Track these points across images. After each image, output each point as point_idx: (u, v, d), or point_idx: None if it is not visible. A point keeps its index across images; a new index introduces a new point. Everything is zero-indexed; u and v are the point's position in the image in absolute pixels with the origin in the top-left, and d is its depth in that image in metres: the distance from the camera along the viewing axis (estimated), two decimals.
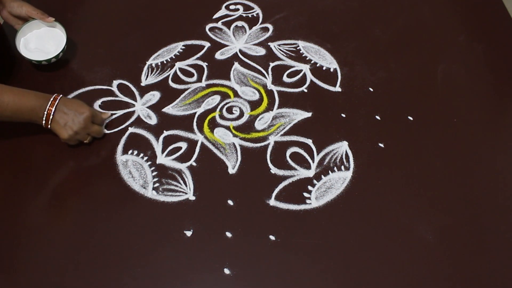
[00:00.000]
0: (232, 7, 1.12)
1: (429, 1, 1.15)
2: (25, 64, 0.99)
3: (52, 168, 0.86)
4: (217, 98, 0.95)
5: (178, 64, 1.01)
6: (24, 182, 0.84)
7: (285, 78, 0.98)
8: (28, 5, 0.95)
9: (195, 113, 0.93)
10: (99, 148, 0.88)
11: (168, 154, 0.87)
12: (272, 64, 1.01)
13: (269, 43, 1.05)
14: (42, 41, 0.98)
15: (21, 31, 0.96)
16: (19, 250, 0.77)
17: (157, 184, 0.83)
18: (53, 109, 0.82)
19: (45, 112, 0.81)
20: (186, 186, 0.83)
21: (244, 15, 1.10)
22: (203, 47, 1.04)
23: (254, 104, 0.94)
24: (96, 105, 0.94)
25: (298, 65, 1.01)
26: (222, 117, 0.93)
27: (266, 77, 0.99)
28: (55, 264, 0.75)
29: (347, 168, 0.85)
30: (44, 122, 0.82)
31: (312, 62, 1.01)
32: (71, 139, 0.84)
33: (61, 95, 0.84)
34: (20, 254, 0.76)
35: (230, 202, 0.81)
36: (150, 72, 0.99)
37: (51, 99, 0.82)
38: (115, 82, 0.97)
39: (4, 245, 0.77)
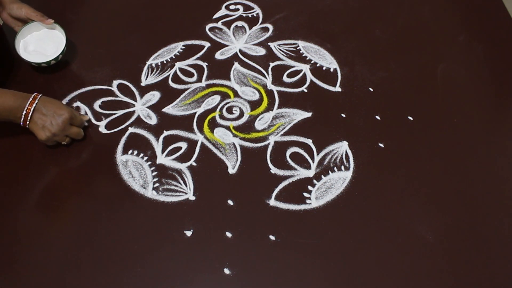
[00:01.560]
0: (232, 7, 1.12)
1: (429, 1, 1.15)
2: (24, 65, 0.99)
3: (52, 168, 0.86)
4: (217, 98, 0.95)
5: (178, 64, 1.01)
6: (23, 182, 0.84)
7: (285, 78, 0.98)
8: (27, 7, 0.95)
9: (195, 113, 0.93)
10: (99, 148, 0.88)
11: (168, 154, 0.87)
12: (272, 64, 1.01)
13: (269, 43, 1.05)
14: (41, 43, 0.97)
15: (21, 33, 0.96)
16: (19, 250, 0.77)
17: (157, 184, 0.83)
18: (31, 109, 0.81)
19: (24, 112, 0.80)
20: (186, 186, 0.83)
21: (244, 15, 1.11)
22: (203, 47, 1.04)
23: (254, 104, 0.94)
24: (96, 105, 0.94)
25: (298, 65, 1.01)
26: (222, 117, 0.93)
27: (266, 77, 0.99)
28: (55, 264, 0.75)
29: (347, 168, 0.85)
30: (22, 122, 0.82)
31: (312, 62, 1.01)
32: (48, 140, 0.84)
33: (40, 95, 0.83)
34: (20, 254, 0.76)
35: (230, 202, 0.81)
36: (150, 72, 0.99)
37: (30, 99, 0.81)
38: (115, 82, 0.97)
39: (4, 246, 0.77)
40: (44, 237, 0.78)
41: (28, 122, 0.82)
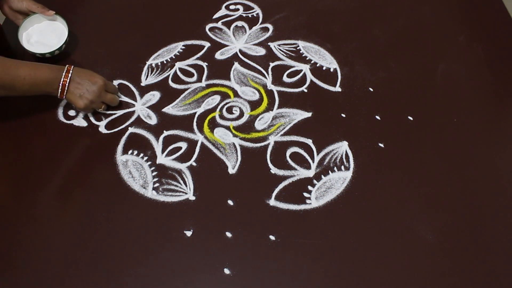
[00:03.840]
0: (232, 7, 1.12)
1: (429, 1, 1.15)
2: (26, 60, 0.99)
3: (52, 168, 0.86)
4: (217, 98, 0.95)
5: (178, 64, 1.01)
6: (23, 182, 0.84)
7: (285, 78, 0.98)
8: None
9: (195, 113, 0.93)
10: (99, 148, 0.88)
11: (168, 154, 0.87)
12: (272, 64, 1.01)
13: (269, 43, 1.05)
14: (44, 34, 0.98)
15: (23, 26, 0.96)
16: (19, 250, 0.77)
17: (157, 184, 0.83)
18: (67, 80, 0.84)
19: (60, 84, 0.84)
20: (186, 186, 0.83)
21: (244, 15, 1.11)
22: (203, 47, 1.04)
23: (254, 104, 0.94)
24: None
25: (298, 65, 1.01)
26: (222, 117, 0.93)
27: (266, 77, 0.99)
28: (55, 264, 0.75)
29: (347, 168, 0.85)
30: (59, 93, 0.85)
31: (312, 62, 1.01)
32: (87, 108, 0.88)
33: (73, 66, 0.86)
34: (20, 254, 0.76)
35: (230, 202, 0.81)
36: (150, 72, 0.99)
37: (65, 70, 0.85)
38: (115, 82, 0.97)
39: (4, 246, 0.77)
40: (44, 237, 0.78)
41: (65, 93, 0.85)
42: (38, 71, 0.82)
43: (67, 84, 0.84)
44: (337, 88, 0.97)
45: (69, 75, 0.85)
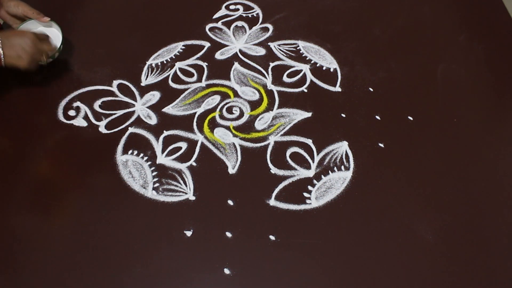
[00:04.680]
0: (232, 7, 1.12)
1: (429, 1, 1.15)
2: None
3: (52, 168, 0.86)
4: (217, 98, 0.95)
5: (178, 64, 1.01)
6: (23, 182, 0.84)
7: (285, 78, 0.99)
8: (24, 4, 0.95)
9: (195, 113, 0.93)
10: (99, 148, 0.88)
11: (168, 154, 0.87)
12: (272, 64, 1.01)
13: (269, 43, 1.05)
14: None
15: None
16: (18, 250, 0.77)
17: (157, 184, 0.83)
18: (0, 47, 0.84)
19: None
20: (186, 186, 0.83)
21: (244, 15, 1.11)
22: (203, 47, 1.04)
23: (254, 104, 0.94)
24: (96, 105, 0.94)
25: (298, 65, 1.01)
26: (222, 117, 0.93)
27: (266, 77, 0.99)
28: (55, 264, 0.75)
29: (347, 168, 0.85)
30: None
31: (312, 62, 1.01)
32: (31, 64, 0.88)
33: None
34: (20, 254, 0.76)
35: (230, 202, 0.81)
36: (150, 72, 0.99)
37: None
38: (115, 82, 0.97)
39: (4, 246, 0.77)
40: (44, 237, 0.78)
41: (2, 60, 0.85)
42: None
43: (1, 50, 0.84)
44: (337, 88, 0.97)
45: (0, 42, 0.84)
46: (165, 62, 1.01)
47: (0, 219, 0.80)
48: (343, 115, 0.93)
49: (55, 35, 0.98)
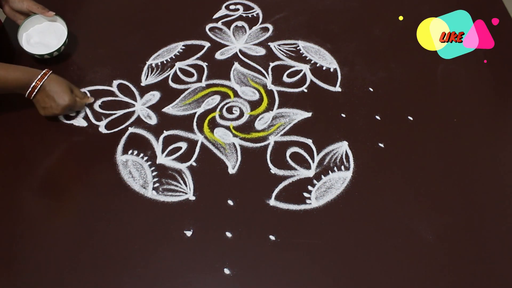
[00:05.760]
0: (232, 7, 1.12)
1: (429, 1, 1.15)
2: (24, 60, 0.99)
3: (52, 168, 0.86)
4: (217, 98, 0.95)
5: (178, 64, 1.01)
6: (23, 182, 0.84)
7: (285, 78, 0.98)
8: (29, 0, 0.96)
9: (195, 113, 0.93)
10: (99, 148, 0.88)
11: (168, 154, 0.87)
12: (272, 64, 1.01)
13: (269, 43, 1.05)
14: (43, 35, 0.98)
15: (23, 26, 0.97)
16: (18, 250, 0.77)
17: (157, 184, 0.83)
18: (39, 85, 0.84)
19: (30, 87, 0.84)
20: (186, 186, 0.83)
21: (244, 15, 1.10)
22: (203, 47, 1.04)
23: (254, 104, 0.94)
24: (96, 105, 0.94)
25: (298, 65, 1.01)
26: (222, 117, 0.93)
27: (266, 77, 0.99)
28: (54, 264, 0.75)
29: (347, 168, 0.85)
30: (27, 94, 0.85)
31: (312, 62, 1.01)
32: (47, 117, 0.89)
33: (50, 72, 0.85)
34: (20, 254, 0.76)
35: (230, 202, 0.81)
36: (150, 72, 0.99)
37: (40, 75, 0.84)
38: (115, 82, 0.97)
39: (4, 246, 0.77)
40: (44, 237, 0.78)
41: (32, 97, 0.85)
42: (10, 73, 0.82)
43: (36, 90, 0.84)
44: (337, 88, 0.97)
45: (42, 81, 0.84)
46: (165, 62, 1.01)
47: (0, 219, 0.80)
48: (343, 115, 0.93)
49: (60, 29, 0.99)
